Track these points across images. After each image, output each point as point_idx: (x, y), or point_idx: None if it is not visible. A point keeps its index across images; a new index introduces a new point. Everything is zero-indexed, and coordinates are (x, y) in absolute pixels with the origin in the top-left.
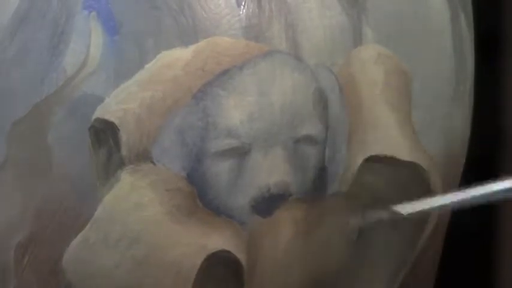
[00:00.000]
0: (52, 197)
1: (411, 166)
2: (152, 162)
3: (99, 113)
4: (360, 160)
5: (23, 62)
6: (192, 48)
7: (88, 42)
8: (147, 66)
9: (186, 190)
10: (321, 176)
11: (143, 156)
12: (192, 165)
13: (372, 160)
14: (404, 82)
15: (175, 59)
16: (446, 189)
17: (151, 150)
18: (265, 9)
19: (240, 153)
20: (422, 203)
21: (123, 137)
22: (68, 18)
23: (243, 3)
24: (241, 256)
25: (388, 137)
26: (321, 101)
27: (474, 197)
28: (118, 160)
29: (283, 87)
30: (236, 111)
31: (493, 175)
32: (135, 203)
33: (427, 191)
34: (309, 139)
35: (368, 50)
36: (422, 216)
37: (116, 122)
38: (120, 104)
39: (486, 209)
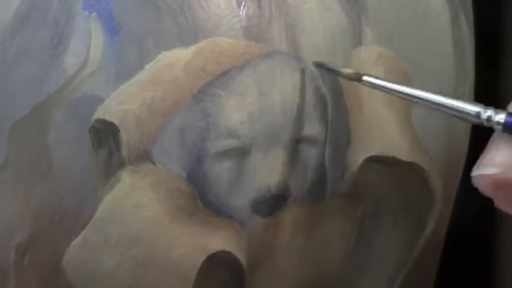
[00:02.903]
0: (52, 197)
1: (411, 166)
2: (152, 162)
3: (100, 113)
4: (359, 160)
5: (23, 62)
6: (192, 48)
7: (88, 43)
8: (147, 66)
9: (186, 190)
10: (321, 176)
11: (143, 157)
12: (192, 165)
13: (372, 160)
14: (405, 82)
15: (176, 59)
16: (447, 189)
17: (152, 150)
18: (265, 9)
19: (240, 153)
20: (390, 83)
21: (124, 137)
22: (68, 19)
23: (243, 4)
24: (241, 256)
25: (388, 137)
26: (321, 101)
27: (440, 104)
28: (118, 160)
29: (284, 88)
30: (236, 111)
31: None
32: (135, 204)
33: (427, 191)
34: (309, 139)
35: (368, 51)
36: (421, 217)
37: (116, 122)
38: (121, 104)
39: (486, 209)
